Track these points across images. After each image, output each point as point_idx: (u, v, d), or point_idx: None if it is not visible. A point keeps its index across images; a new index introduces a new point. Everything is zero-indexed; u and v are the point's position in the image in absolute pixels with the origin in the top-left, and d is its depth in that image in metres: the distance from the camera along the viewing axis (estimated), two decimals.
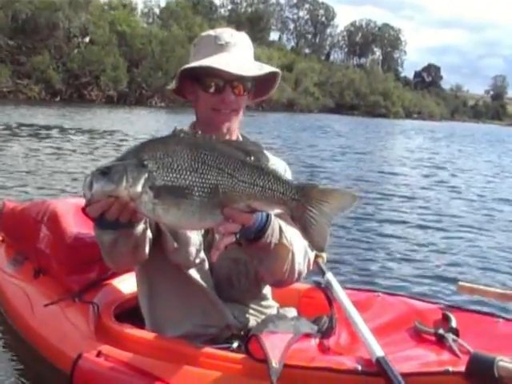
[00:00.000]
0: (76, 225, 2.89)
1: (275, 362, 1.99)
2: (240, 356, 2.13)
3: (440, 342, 2.30)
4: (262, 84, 2.40)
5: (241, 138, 2.46)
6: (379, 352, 2.04)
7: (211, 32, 2.36)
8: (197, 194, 1.66)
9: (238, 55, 2.26)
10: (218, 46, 2.27)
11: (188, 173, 1.65)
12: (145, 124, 22.90)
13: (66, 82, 39.59)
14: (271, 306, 2.56)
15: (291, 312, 2.64)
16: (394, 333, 2.44)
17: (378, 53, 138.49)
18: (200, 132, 1.78)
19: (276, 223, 2.00)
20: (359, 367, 2.03)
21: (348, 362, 2.07)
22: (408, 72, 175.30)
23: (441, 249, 6.71)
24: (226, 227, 1.76)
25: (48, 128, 17.95)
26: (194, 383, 2.08)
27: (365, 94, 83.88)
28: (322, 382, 2.02)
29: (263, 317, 2.45)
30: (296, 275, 2.24)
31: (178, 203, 1.65)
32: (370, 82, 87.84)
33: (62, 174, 9.52)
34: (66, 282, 2.86)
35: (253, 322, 2.42)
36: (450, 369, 1.97)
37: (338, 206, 1.75)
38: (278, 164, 2.48)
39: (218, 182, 1.66)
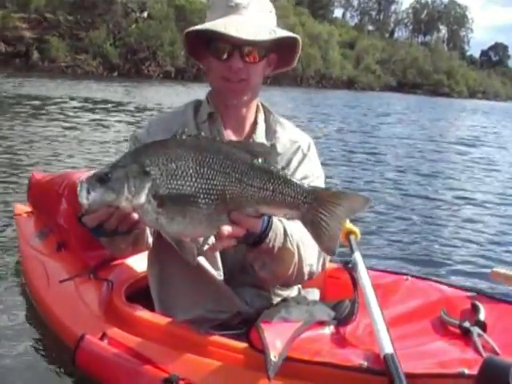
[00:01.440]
0: None
1: (274, 355, 1.85)
2: (243, 346, 2.01)
3: (465, 336, 2.12)
4: (284, 52, 2.24)
5: (262, 111, 2.33)
6: (388, 348, 1.87)
7: None
8: (203, 201, 1.57)
9: (248, 18, 2.09)
10: (228, 8, 2.11)
11: (193, 179, 1.56)
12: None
13: (123, 57, 39.76)
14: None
15: (313, 294, 2.53)
16: (418, 322, 2.28)
17: (443, 31, 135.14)
18: (203, 133, 1.69)
19: (280, 227, 1.91)
20: (365, 364, 1.87)
21: (355, 358, 1.91)
22: (474, 51, 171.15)
23: (483, 232, 6.41)
24: (229, 231, 1.65)
25: (100, 102, 18.17)
26: (192, 371, 1.98)
27: (428, 72, 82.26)
28: (325, 378, 1.86)
29: (279, 299, 2.32)
30: (306, 276, 2.16)
31: (184, 212, 1.57)
32: (433, 60, 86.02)
33: (111, 145, 9.55)
34: (82, 257, 2.80)
35: (268, 305, 2.28)
36: (466, 371, 1.79)
37: (349, 209, 1.67)
38: (301, 139, 2.34)
39: (225, 187, 1.57)
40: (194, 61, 2.32)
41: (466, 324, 2.15)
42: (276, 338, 1.91)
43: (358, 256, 2.46)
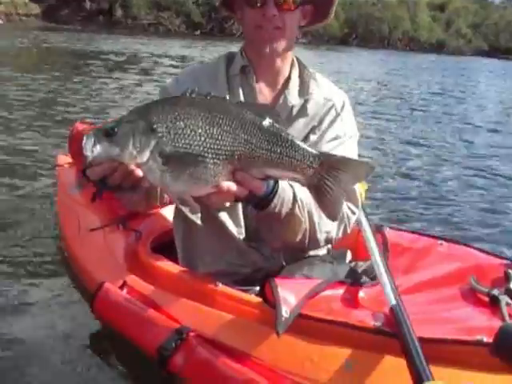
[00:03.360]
0: None
1: (286, 311, 1.80)
2: (257, 300, 1.97)
3: (493, 304, 2.01)
4: (321, 4, 2.15)
5: (297, 66, 2.24)
6: (394, 300, 1.83)
7: None
8: (211, 161, 1.54)
9: None
10: None
11: (202, 138, 1.53)
12: None
13: (206, 16, 39.65)
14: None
15: (343, 255, 2.42)
16: (447, 288, 2.18)
17: None
18: (212, 93, 1.63)
19: (288, 193, 1.87)
20: (379, 324, 1.81)
21: (370, 319, 1.85)
22: None
23: None
24: (230, 188, 1.61)
25: (179, 58, 18.47)
26: (204, 323, 1.97)
27: None
28: (337, 338, 1.81)
29: (307, 257, 2.24)
30: (323, 243, 2.13)
31: (191, 171, 1.54)
32: None
33: None
34: (113, 207, 2.78)
35: (292, 262, 2.21)
36: (485, 339, 1.69)
37: (354, 175, 1.67)
38: (336, 97, 2.24)
39: (233, 148, 1.56)
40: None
41: (495, 292, 2.03)
42: (290, 294, 1.87)
43: (362, 215, 2.39)
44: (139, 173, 1.55)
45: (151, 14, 37.28)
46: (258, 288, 2.12)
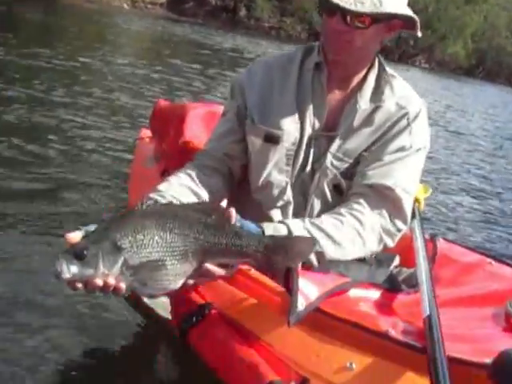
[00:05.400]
0: (192, 130, 2.89)
1: (302, 303, 1.78)
2: (281, 289, 1.91)
3: None
4: (407, 22, 2.09)
5: (376, 68, 2.21)
6: (431, 310, 1.78)
7: None
8: (169, 263, 1.70)
9: None
10: None
11: (158, 245, 1.69)
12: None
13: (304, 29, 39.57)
14: None
15: (391, 259, 2.37)
16: (482, 307, 2.12)
17: None
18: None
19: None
20: (392, 332, 1.75)
21: (385, 324, 1.80)
22: None
23: None
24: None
25: None
26: (229, 303, 2.02)
27: None
28: (348, 338, 1.79)
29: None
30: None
31: (155, 276, 1.69)
32: None
33: None
34: None
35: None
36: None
37: (297, 253, 1.82)
38: (411, 105, 2.19)
39: (185, 247, 1.72)
40: None
41: None
42: (311, 287, 1.85)
43: (416, 223, 2.39)
44: (112, 285, 1.64)
45: (274, 17, 37.65)
46: None
